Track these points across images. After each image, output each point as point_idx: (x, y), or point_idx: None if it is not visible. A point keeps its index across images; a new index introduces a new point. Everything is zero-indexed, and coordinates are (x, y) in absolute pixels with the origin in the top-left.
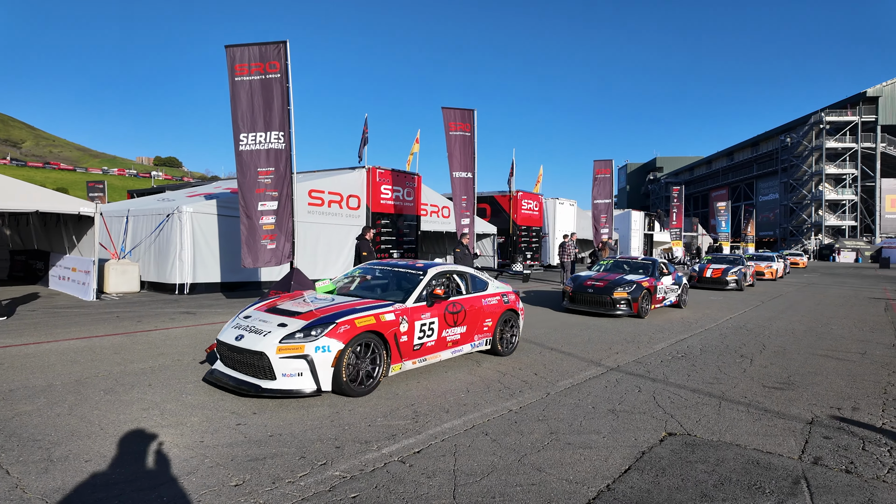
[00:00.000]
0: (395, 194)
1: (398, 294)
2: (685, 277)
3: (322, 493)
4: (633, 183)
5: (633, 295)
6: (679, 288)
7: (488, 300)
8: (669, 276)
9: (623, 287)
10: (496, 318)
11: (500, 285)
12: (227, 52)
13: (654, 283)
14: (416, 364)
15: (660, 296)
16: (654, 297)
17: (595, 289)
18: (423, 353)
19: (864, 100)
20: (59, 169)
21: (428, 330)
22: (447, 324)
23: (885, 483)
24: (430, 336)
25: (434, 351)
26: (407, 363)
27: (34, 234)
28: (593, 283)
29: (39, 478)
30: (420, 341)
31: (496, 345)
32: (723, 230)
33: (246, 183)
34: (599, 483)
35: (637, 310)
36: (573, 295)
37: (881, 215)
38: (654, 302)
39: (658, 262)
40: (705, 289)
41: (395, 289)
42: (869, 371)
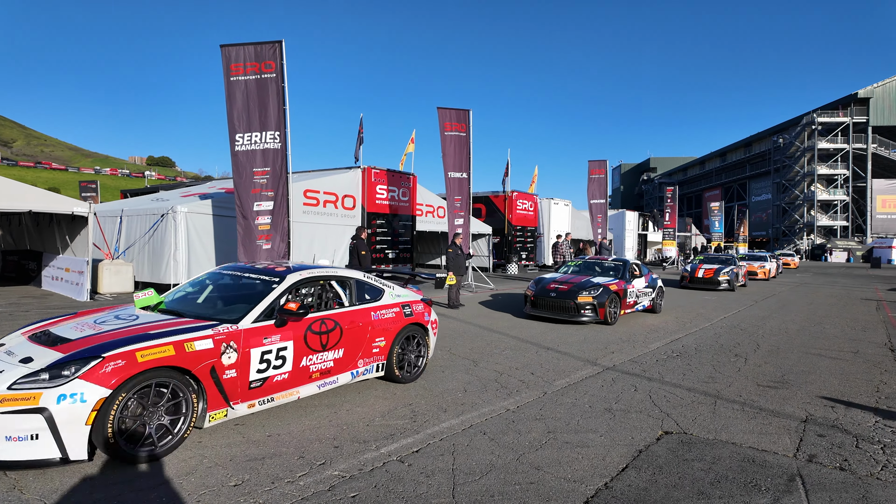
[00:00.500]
0: (390, 194)
1: (238, 310)
2: (660, 280)
3: (321, 493)
4: (627, 183)
5: (598, 299)
6: (653, 291)
7: (381, 313)
8: (642, 278)
9: (588, 291)
10: (392, 336)
11: (403, 294)
12: (222, 51)
13: (623, 286)
14: (255, 408)
15: (630, 300)
16: (624, 302)
17: (558, 293)
18: (269, 390)
19: (856, 101)
20: (50, 168)
21: (276, 359)
22: (310, 348)
23: (879, 480)
24: (279, 367)
25: (288, 386)
26: (239, 407)
27: (27, 234)
28: (557, 286)
29: (37, 478)
30: (262, 375)
31: (392, 369)
32: (716, 230)
33: (242, 183)
34: (598, 481)
35: (604, 316)
36: (535, 299)
37: (872, 215)
38: (625, 307)
39: (630, 264)
40: (697, 289)
41: (238, 302)
42: (862, 370)
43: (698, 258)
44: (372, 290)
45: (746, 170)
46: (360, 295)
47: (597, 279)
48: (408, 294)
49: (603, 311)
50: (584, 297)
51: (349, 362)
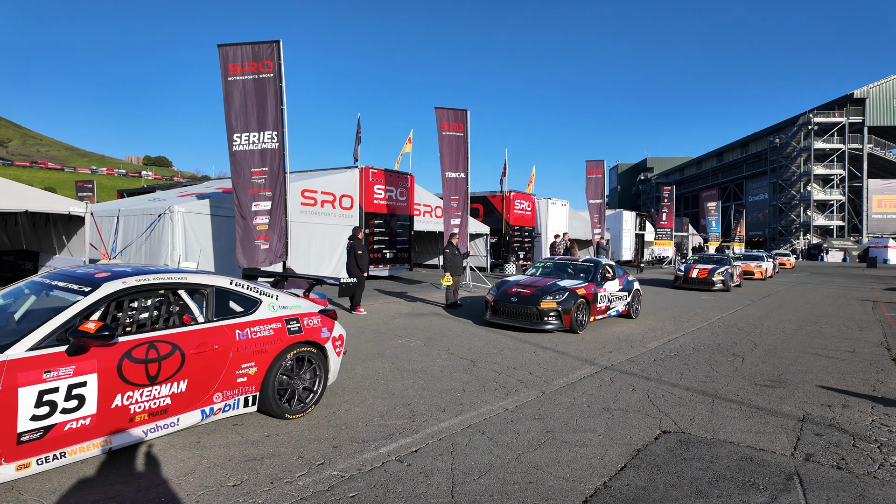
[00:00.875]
0: (388, 194)
1: (12, 333)
2: (636, 282)
3: (321, 493)
4: (624, 183)
5: (563, 305)
6: (629, 295)
7: (252, 331)
8: (615, 280)
9: (553, 295)
10: (268, 360)
11: (291, 305)
12: (219, 51)
13: (593, 289)
14: (32, 468)
15: (601, 305)
16: (594, 307)
17: (520, 298)
18: (57, 443)
19: (852, 101)
20: (46, 168)
21: (67, 399)
22: (129, 382)
23: (876, 479)
24: (73, 410)
25: (91, 435)
26: (3, 469)
27: (23, 234)
28: (519, 290)
29: (35, 479)
30: (42, 423)
31: (269, 402)
32: (713, 230)
33: (240, 183)
34: (596, 481)
35: (570, 323)
36: (495, 305)
37: (868, 215)
38: (595, 313)
39: (602, 265)
40: (692, 289)
41: (29, 320)
42: (858, 369)
43: (692, 258)
44: (242, 301)
45: (743, 170)
46: (222, 308)
47: (564, 282)
48: (298, 305)
49: (569, 318)
50: (548, 303)
51: (198, 397)
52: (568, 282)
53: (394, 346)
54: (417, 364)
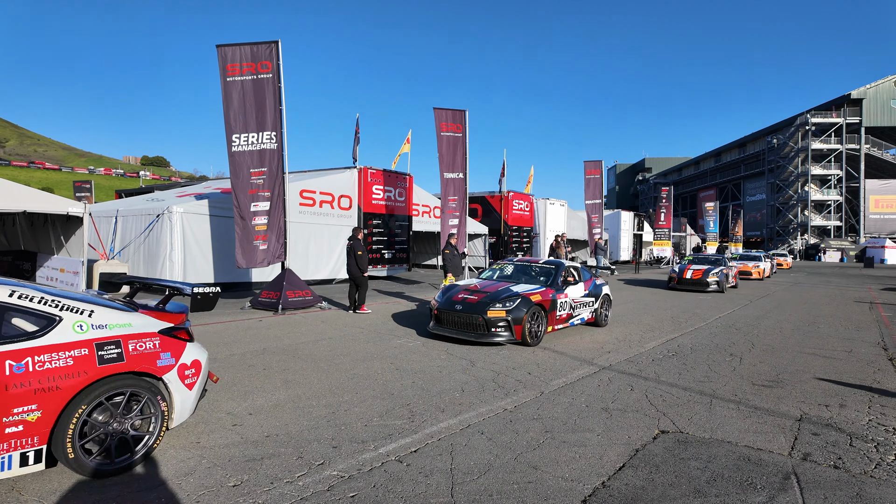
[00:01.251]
0: (386, 195)
1: None
2: (606, 286)
3: (321, 493)
4: (623, 183)
5: (514, 314)
6: (596, 301)
7: (36, 361)
8: (579, 285)
9: (502, 303)
10: (60, 402)
11: (116, 323)
12: (218, 51)
13: (551, 295)
14: None
15: (562, 313)
16: (553, 316)
17: (465, 305)
18: None
19: (849, 102)
20: (44, 168)
21: None
22: None
23: (873, 478)
24: None
25: None
26: None
27: (21, 235)
28: (466, 296)
29: (35, 479)
30: None
31: (66, 459)
32: (711, 230)
33: (239, 184)
34: (595, 480)
35: (521, 335)
36: (439, 314)
37: (865, 215)
38: (554, 322)
39: (564, 267)
40: (686, 291)
41: None
42: (855, 369)
43: (687, 258)
44: (29, 319)
45: (741, 170)
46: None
47: (519, 287)
48: (126, 323)
49: (520, 329)
50: (496, 312)
51: None
52: (523, 287)
53: (393, 347)
54: (416, 364)
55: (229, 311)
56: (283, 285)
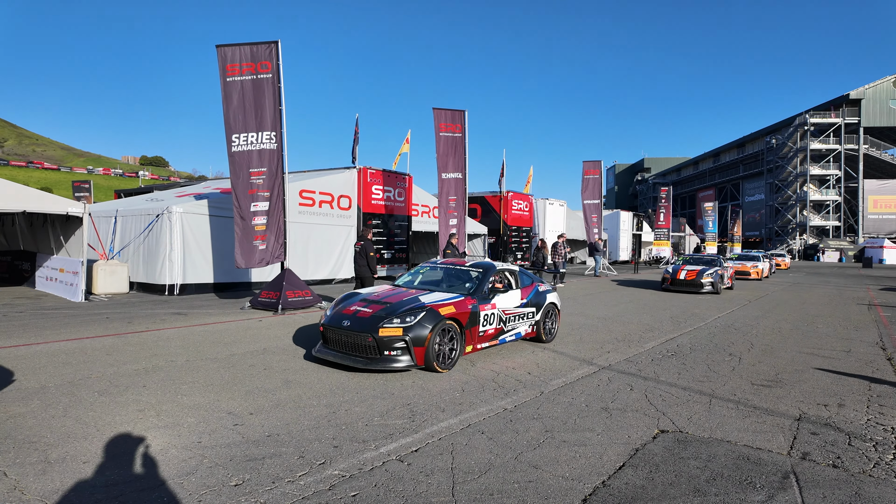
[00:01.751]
0: (386, 195)
1: None
2: (553, 293)
3: (322, 492)
4: (622, 183)
5: (414, 332)
6: (538, 311)
7: None
8: (514, 292)
9: (402, 317)
10: None
11: None
12: (218, 51)
13: (470, 306)
14: None
15: (488, 328)
16: (474, 332)
17: (355, 321)
18: None
19: (848, 102)
20: (42, 168)
21: None
22: None
23: (872, 477)
24: None
25: None
26: None
27: (20, 235)
28: (358, 309)
29: (38, 479)
30: None
31: None
32: (710, 230)
33: (239, 184)
34: (595, 479)
35: (424, 359)
36: (325, 331)
37: (864, 215)
38: (475, 340)
39: (495, 270)
40: (679, 292)
41: None
42: (854, 369)
43: (681, 259)
44: None
45: (740, 170)
46: None
47: (430, 296)
48: None
49: (422, 352)
50: (390, 329)
51: None
52: (437, 296)
53: None
54: None
55: (229, 312)
56: (282, 285)
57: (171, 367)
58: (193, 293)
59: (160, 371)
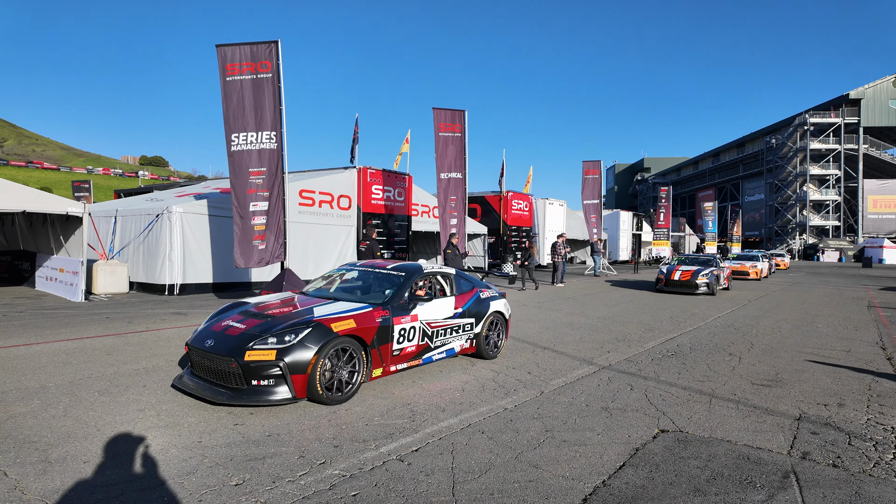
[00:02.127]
0: (386, 194)
1: None
2: (500, 301)
3: (322, 492)
4: (621, 183)
5: (292, 357)
6: (479, 323)
7: None
8: (447, 300)
9: (279, 336)
10: None
11: None
12: (218, 51)
13: (382, 319)
14: None
15: (406, 345)
16: (386, 351)
17: (219, 341)
18: None
19: (847, 102)
20: (42, 168)
21: None
22: None
23: (872, 477)
24: None
25: None
26: None
27: (19, 235)
28: (229, 325)
29: (38, 479)
30: None
31: None
32: (709, 230)
33: (238, 183)
34: (595, 479)
35: (307, 389)
36: (190, 352)
37: (864, 215)
38: (388, 360)
39: (420, 274)
40: (674, 293)
41: None
42: (854, 368)
43: (676, 259)
44: None
45: (739, 170)
46: None
47: (329, 307)
48: None
49: (302, 380)
50: (259, 353)
51: None
52: (336, 307)
53: None
54: None
55: None
56: (282, 285)
57: (171, 367)
58: (193, 293)
59: (160, 371)
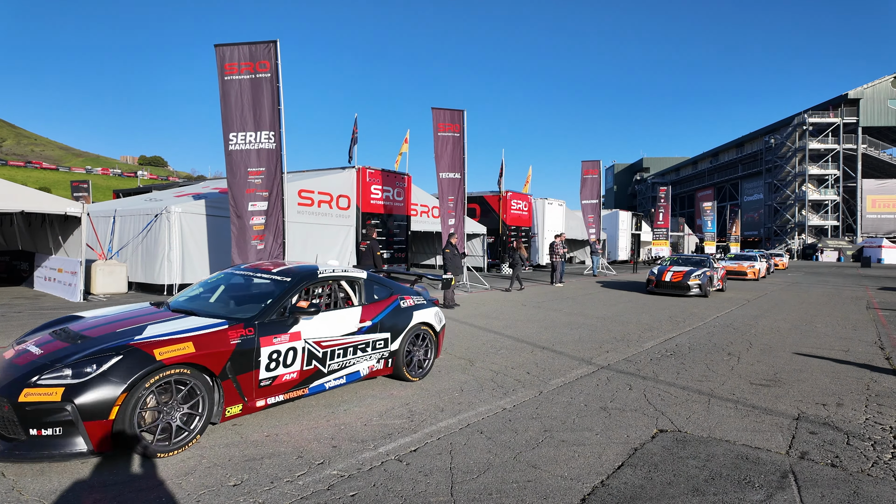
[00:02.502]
0: (385, 194)
1: None
2: (427, 310)
3: (321, 492)
4: (620, 183)
5: (87, 398)
6: (397, 338)
7: None
8: (351, 311)
9: (75, 368)
10: None
11: None
12: (216, 51)
13: (238, 340)
14: None
15: (283, 371)
16: (248, 384)
17: (4, 373)
18: None
19: (846, 102)
20: (41, 168)
21: None
22: None
23: (870, 476)
24: None
25: None
26: None
27: (18, 235)
28: (26, 349)
29: (35, 479)
30: None
31: None
32: (709, 230)
33: (236, 183)
34: (594, 479)
35: (110, 439)
36: None
37: (862, 215)
38: (254, 394)
39: (311, 279)
40: (665, 295)
41: None
42: (852, 368)
43: (668, 259)
44: None
45: (738, 170)
46: None
47: (164, 326)
48: None
49: (104, 428)
50: (40, 391)
51: None
52: (183, 323)
53: None
54: None
55: None
56: None
57: None
58: None
59: None
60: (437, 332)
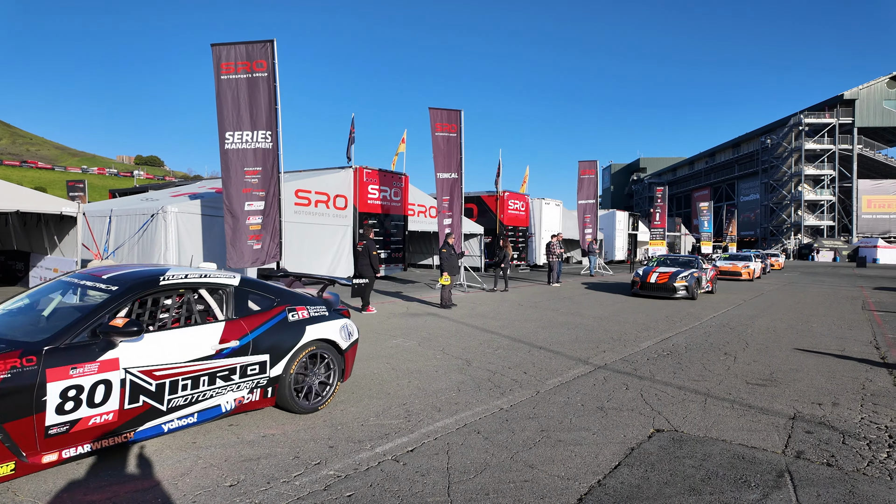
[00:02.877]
0: (382, 194)
1: None
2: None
3: (318, 493)
4: (617, 183)
5: None
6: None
7: None
8: (207, 328)
9: None
10: None
11: None
12: (213, 50)
13: (6, 374)
14: None
15: (87, 414)
16: (24, 435)
17: None
18: None
19: (842, 102)
20: (36, 168)
21: None
22: None
23: (866, 475)
24: None
25: None
26: None
27: (13, 235)
28: None
29: (31, 480)
30: None
31: None
32: (705, 230)
33: (231, 182)
34: (590, 479)
35: None
36: None
37: (858, 215)
38: (38, 447)
39: (149, 286)
40: (650, 297)
41: None
42: (848, 367)
43: (655, 259)
44: None
45: (735, 170)
46: None
47: None
48: None
49: None
50: None
51: None
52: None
53: (389, 347)
54: (413, 364)
55: None
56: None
57: None
58: None
59: None
60: (343, 351)
